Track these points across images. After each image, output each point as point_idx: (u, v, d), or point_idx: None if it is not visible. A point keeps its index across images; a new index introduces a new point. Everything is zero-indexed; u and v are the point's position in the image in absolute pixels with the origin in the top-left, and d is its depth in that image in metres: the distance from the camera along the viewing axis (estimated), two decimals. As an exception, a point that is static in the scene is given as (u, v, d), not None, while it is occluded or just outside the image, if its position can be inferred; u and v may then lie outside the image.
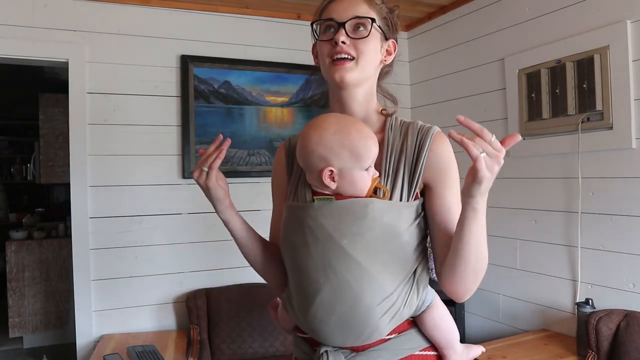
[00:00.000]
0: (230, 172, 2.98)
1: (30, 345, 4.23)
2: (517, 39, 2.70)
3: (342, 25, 1.05)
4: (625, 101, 2.18)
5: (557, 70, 2.45)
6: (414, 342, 1.04)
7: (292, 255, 1.06)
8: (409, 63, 3.53)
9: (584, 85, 2.32)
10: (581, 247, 2.39)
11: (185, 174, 2.89)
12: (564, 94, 2.42)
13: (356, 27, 1.06)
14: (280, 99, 3.15)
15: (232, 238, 1.18)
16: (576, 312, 2.31)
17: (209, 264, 2.94)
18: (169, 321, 2.88)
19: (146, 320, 2.83)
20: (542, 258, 2.60)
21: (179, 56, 2.92)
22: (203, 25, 2.99)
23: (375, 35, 1.08)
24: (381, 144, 1.07)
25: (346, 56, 1.05)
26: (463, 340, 2.84)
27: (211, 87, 2.99)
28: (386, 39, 1.12)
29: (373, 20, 1.07)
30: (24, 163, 6.29)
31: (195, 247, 2.93)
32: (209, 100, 2.98)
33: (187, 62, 2.92)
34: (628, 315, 2.09)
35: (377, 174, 1.03)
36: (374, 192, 1.01)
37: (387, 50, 1.13)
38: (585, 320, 2.15)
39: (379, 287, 0.97)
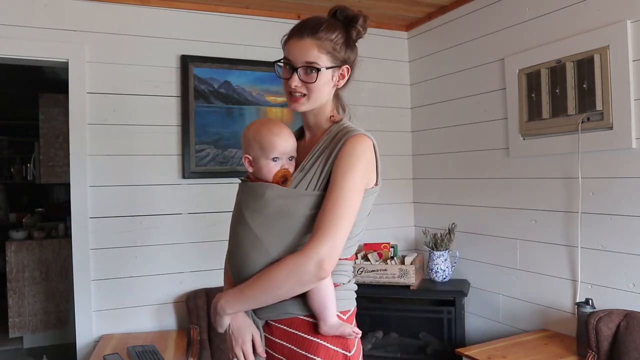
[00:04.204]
0: (230, 172, 2.99)
1: (30, 345, 4.23)
2: (517, 39, 2.70)
3: (295, 70, 1.26)
4: (625, 101, 2.18)
5: (557, 70, 2.45)
6: (295, 307, 1.25)
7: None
8: (409, 63, 3.51)
9: (584, 85, 2.32)
10: (581, 247, 2.39)
11: (185, 174, 2.89)
12: (564, 94, 2.42)
13: (307, 70, 1.25)
14: (280, 99, 3.14)
15: None
16: (576, 312, 2.31)
17: (209, 264, 2.94)
18: (169, 321, 2.88)
19: (146, 320, 2.83)
20: (542, 258, 2.60)
21: (179, 56, 2.92)
22: (203, 25, 2.99)
23: (325, 74, 1.26)
24: (315, 144, 1.30)
25: (298, 94, 1.27)
26: (463, 342, 2.85)
27: (211, 87, 2.99)
28: (339, 66, 1.28)
29: (318, 69, 1.24)
30: (24, 163, 6.29)
31: (195, 247, 2.94)
32: (209, 100, 2.98)
33: (187, 62, 2.92)
34: (628, 315, 2.09)
35: (288, 166, 1.27)
36: (284, 181, 1.24)
37: (341, 74, 1.30)
38: (585, 320, 2.15)
39: (264, 251, 1.21)
